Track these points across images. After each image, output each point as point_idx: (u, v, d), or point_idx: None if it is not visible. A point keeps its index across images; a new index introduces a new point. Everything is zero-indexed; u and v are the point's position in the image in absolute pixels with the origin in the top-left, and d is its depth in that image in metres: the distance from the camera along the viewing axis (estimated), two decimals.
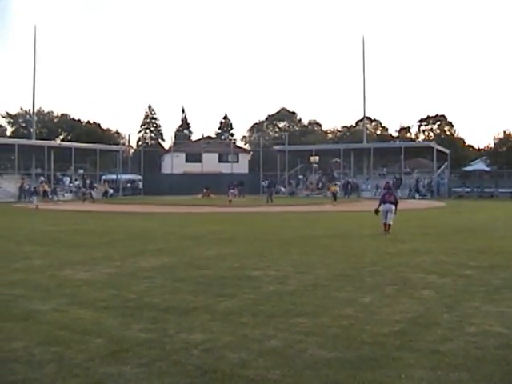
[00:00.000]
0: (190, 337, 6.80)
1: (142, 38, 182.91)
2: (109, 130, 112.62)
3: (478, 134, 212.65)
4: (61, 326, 7.29)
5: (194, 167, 78.39)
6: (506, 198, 62.24)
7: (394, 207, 20.68)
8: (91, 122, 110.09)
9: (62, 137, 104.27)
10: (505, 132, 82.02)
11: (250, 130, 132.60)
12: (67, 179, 68.92)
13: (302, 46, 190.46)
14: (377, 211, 21.01)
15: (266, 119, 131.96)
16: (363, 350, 6.29)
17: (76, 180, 69.51)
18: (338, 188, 55.03)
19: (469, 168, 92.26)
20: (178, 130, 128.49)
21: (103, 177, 73.19)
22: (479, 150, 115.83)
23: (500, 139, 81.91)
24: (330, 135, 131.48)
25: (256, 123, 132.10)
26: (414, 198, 61.95)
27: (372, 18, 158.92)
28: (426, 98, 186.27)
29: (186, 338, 6.77)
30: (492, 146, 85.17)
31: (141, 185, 74.90)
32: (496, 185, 66.89)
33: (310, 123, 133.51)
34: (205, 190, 61.28)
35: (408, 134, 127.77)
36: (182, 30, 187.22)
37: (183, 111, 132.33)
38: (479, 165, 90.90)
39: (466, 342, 6.58)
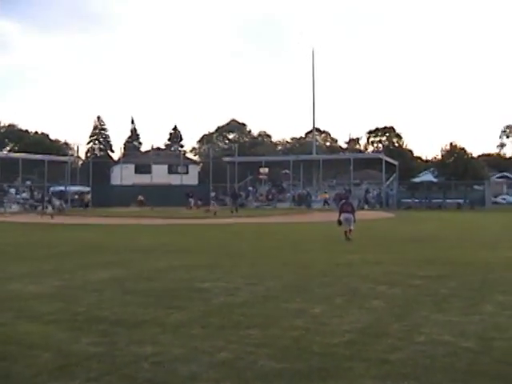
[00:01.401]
0: (139, 350, 6.71)
1: (91, 48, 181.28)
2: (57, 141, 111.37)
3: (426, 145, 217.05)
4: (8, 341, 7.11)
5: (144, 178, 77.95)
6: (453, 208, 63.50)
7: (352, 216, 22.23)
8: (39, 132, 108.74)
9: (8, 148, 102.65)
10: (451, 144, 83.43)
11: (199, 141, 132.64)
12: (13, 191, 67.72)
13: (252, 56, 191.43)
14: (340, 222, 22.27)
15: (216, 130, 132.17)
16: (313, 360, 6.30)
17: (24, 192, 68.36)
18: (327, 195, 55.84)
19: (417, 179, 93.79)
20: (127, 141, 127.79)
21: (51, 188, 72.09)
22: (427, 161, 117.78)
23: (447, 151, 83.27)
24: (279, 147, 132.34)
25: (206, 134, 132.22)
26: (362, 208, 62.57)
27: (321, 30, 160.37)
28: (375, 109, 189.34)
29: (135, 351, 6.69)
30: (439, 157, 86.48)
31: (89, 196, 74.07)
32: (444, 196, 68.16)
33: (259, 135, 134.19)
34: (191, 200, 60.15)
35: (357, 146, 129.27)
36: (130, 40, 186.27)
37: (132, 122, 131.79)
38: (427, 176, 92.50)
39: (415, 351, 6.65)
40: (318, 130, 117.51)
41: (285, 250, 18.76)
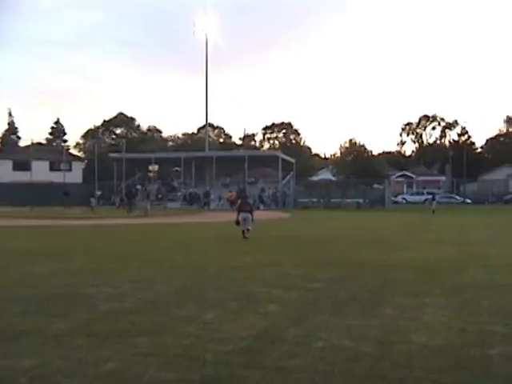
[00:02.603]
0: (17, 363, 6.48)
1: None
2: None
3: (326, 142, 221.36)
4: None
5: (22, 176, 75.74)
6: (353, 208, 64.95)
7: (250, 215, 23.13)
8: None
9: None
10: (350, 140, 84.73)
11: (84, 136, 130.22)
12: None
13: (142, 46, 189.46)
14: (238, 222, 23.07)
15: (102, 125, 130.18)
16: (206, 369, 6.28)
17: None
18: (233, 193, 55.76)
19: (315, 178, 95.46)
20: (4, 135, 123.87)
21: None
22: (326, 158, 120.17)
23: (346, 148, 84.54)
24: (170, 143, 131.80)
25: (91, 129, 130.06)
26: (258, 208, 63.02)
27: (216, 20, 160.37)
28: (272, 104, 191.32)
29: (12, 364, 6.45)
30: (338, 154, 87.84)
31: None
32: (342, 195, 69.57)
33: (149, 129, 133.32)
34: (93, 200, 58.10)
35: (252, 143, 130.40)
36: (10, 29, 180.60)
37: (10, 114, 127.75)
38: (326, 174, 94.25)
39: (314, 357, 6.73)
40: (211, 125, 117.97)
41: (177, 252, 18.67)
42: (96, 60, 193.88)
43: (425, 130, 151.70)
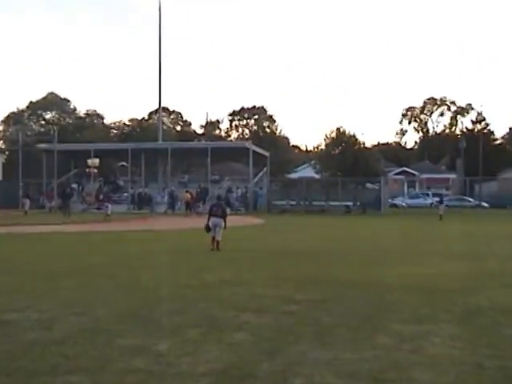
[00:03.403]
0: None
1: None
2: None
3: (307, 132, 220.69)
4: None
5: None
6: (340, 212, 64.89)
7: (222, 222, 23.45)
8: None
9: None
10: (338, 129, 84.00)
11: (4, 121, 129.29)
12: None
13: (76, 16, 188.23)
14: (208, 228, 23.43)
15: (28, 107, 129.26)
16: None
17: None
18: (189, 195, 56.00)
19: (294, 175, 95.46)
20: None
21: None
22: (307, 151, 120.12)
23: (332, 138, 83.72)
24: (114, 131, 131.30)
25: (14, 112, 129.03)
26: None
27: None
28: (241, 85, 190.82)
29: None
30: (323, 147, 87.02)
31: None
32: (328, 196, 69.61)
33: (88, 114, 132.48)
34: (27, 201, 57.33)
35: (217, 131, 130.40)
36: None
37: None
38: (307, 171, 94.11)
39: None
40: (165, 109, 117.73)
41: (121, 268, 18.61)
42: (20, 25, 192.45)
43: (431, 116, 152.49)
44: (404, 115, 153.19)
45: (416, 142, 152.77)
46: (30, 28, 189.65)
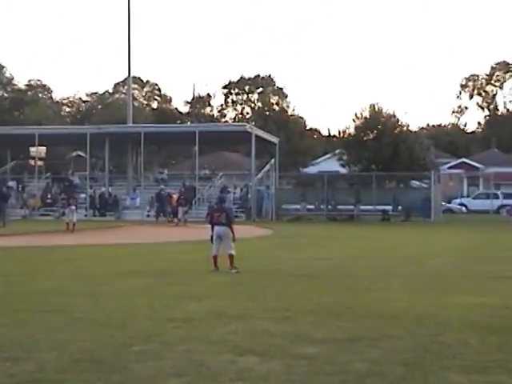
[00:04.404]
0: None
1: None
2: None
3: (329, 112, 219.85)
4: None
5: None
6: (376, 220, 64.80)
7: (228, 230, 23.54)
8: None
9: None
10: (372, 107, 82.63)
11: None
12: None
13: None
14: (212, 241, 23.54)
15: None
16: None
17: None
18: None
19: (312, 169, 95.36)
20: None
21: None
22: (330, 137, 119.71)
23: (365, 119, 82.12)
24: (67, 109, 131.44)
25: None
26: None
27: None
28: (241, 50, 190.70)
29: None
30: (351, 131, 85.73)
31: None
32: (357, 199, 69.37)
33: (30, 86, 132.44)
34: None
35: (208, 110, 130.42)
36: None
37: None
38: (330, 164, 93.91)
39: None
40: (137, 79, 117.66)
41: (78, 296, 18.56)
42: None
43: (502, 88, 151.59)
44: (463, 86, 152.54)
45: (480, 124, 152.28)
46: None
